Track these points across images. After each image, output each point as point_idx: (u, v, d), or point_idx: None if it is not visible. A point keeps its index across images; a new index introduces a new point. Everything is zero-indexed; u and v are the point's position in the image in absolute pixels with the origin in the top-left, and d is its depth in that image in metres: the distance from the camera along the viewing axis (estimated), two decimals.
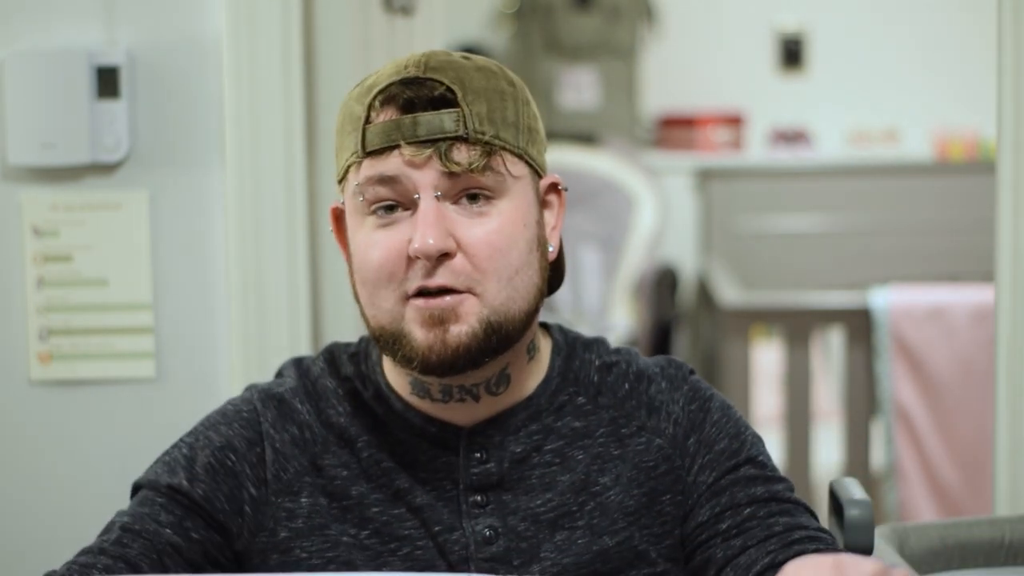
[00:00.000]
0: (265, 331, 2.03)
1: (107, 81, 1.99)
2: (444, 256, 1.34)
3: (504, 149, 1.36)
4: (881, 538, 1.66)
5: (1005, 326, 1.97)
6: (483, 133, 1.35)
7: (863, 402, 3.81)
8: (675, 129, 5.56)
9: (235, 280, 2.03)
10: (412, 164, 1.33)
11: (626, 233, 5.04)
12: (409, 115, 1.34)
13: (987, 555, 1.73)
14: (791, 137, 5.59)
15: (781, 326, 3.94)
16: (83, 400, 2.05)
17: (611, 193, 5.03)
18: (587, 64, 5.43)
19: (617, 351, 1.50)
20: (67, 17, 2.00)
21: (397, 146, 1.34)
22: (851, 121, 5.62)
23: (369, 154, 1.35)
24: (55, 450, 2.05)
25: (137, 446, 2.05)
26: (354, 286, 1.41)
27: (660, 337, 5.04)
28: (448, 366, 1.36)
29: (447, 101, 1.34)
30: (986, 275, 2.24)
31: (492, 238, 1.35)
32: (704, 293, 5.03)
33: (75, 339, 2.03)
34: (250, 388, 1.49)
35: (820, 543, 1.39)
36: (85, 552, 1.41)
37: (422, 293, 1.35)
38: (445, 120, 1.34)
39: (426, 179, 1.34)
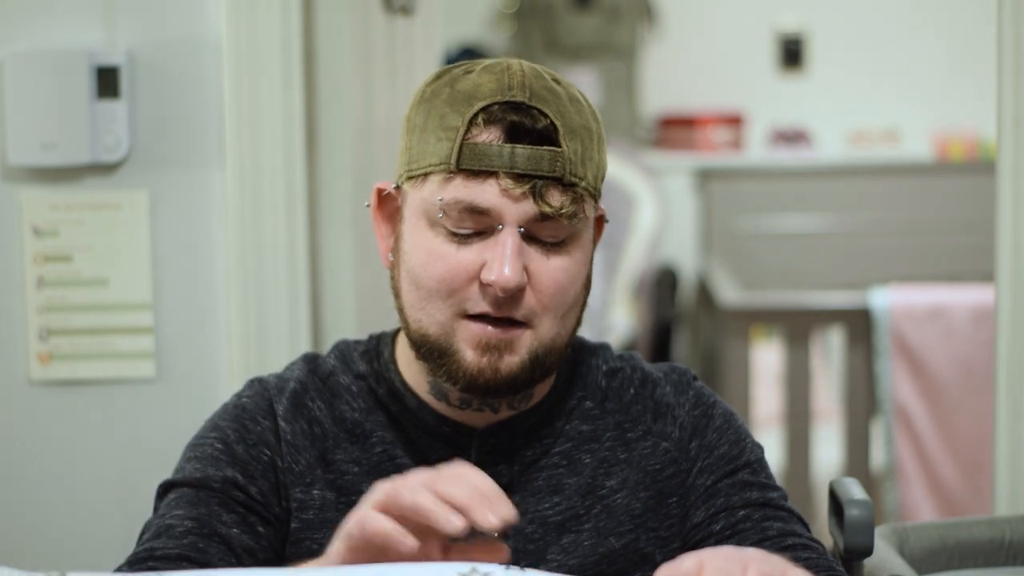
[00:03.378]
0: (265, 331, 2.03)
1: (107, 81, 1.99)
2: (516, 290, 1.34)
3: (588, 194, 1.37)
4: (881, 538, 1.66)
5: (1005, 326, 1.97)
6: (577, 178, 1.35)
7: (863, 402, 3.80)
8: (675, 129, 5.56)
9: (235, 280, 2.03)
10: (507, 195, 1.32)
11: (626, 233, 5.04)
12: (511, 144, 1.32)
13: (987, 555, 1.73)
14: (791, 137, 5.59)
15: (781, 326, 3.94)
16: (83, 400, 2.05)
17: (611, 193, 5.03)
18: (587, 64, 5.43)
19: (621, 356, 1.51)
20: (67, 17, 2.00)
21: (494, 173, 1.32)
22: (851, 121, 5.62)
23: (462, 171, 1.33)
24: (55, 450, 2.05)
25: (137, 446, 2.05)
26: (395, 278, 1.41)
27: (660, 337, 5.04)
28: (493, 391, 1.37)
29: (548, 137, 1.33)
30: (986, 275, 2.24)
31: (559, 276, 1.36)
32: (704, 293, 5.03)
33: (75, 339, 2.03)
34: (256, 382, 1.48)
35: (812, 551, 1.39)
36: (155, 558, 1.35)
37: (482, 318, 1.35)
38: (546, 158, 1.33)
39: (516, 214, 1.33)
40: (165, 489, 1.42)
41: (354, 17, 2.16)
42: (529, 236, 1.34)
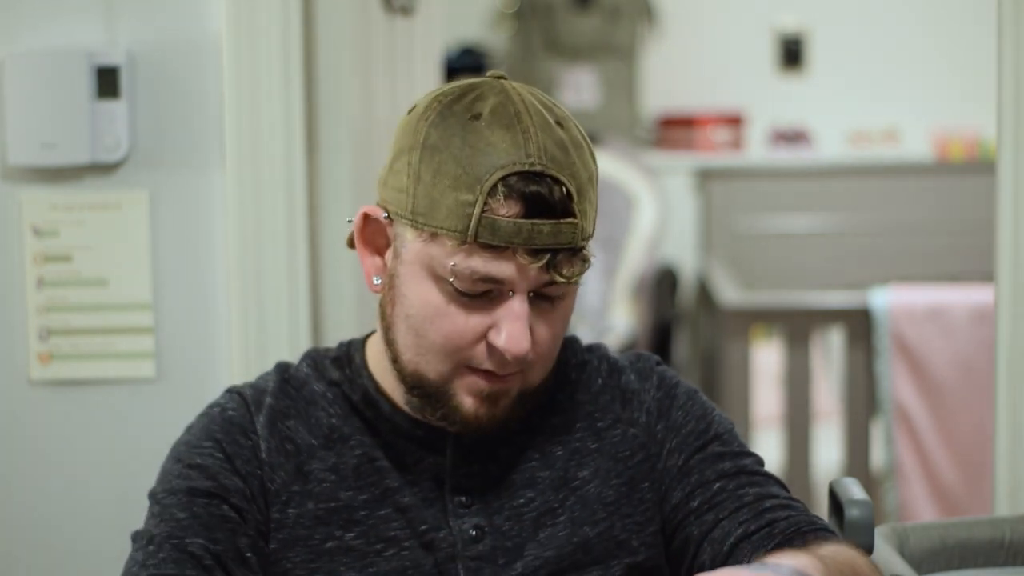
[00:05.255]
0: (265, 331, 2.03)
1: (107, 81, 1.99)
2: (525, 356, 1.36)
3: (590, 243, 1.37)
4: (881, 538, 1.66)
5: (1005, 326, 1.97)
6: (587, 239, 1.35)
7: (863, 402, 3.81)
8: (675, 129, 5.56)
9: (235, 280, 2.03)
10: (523, 270, 1.33)
11: (626, 233, 5.04)
12: (529, 220, 1.31)
13: (987, 555, 1.73)
14: (791, 137, 5.59)
15: (781, 326, 3.94)
16: (83, 400, 2.05)
17: (611, 193, 5.03)
18: (587, 64, 5.43)
19: (588, 348, 1.53)
20: (67, 17, 2.00)
21: (513, 247, 1.32)
22: (851, 121, 5.62)
23: (478, 242, 1.32)
24: (55, 450, 2.05)
25: (137, 446, 2.05)
26: (387, 314, 1.40)
27: (660, 337, 5.04)
28: (485, 431, 1.40)
29: (566, 207, 1.33)
30: (986, 275, 2.24)
31: (557, 329, 1.39)
32: (704, 293, 5.03)
33: (75, 339, 2.03)
34: (236, 394, 1.48)
35: (791, 510, 1.40)
36: (173, 562, 1.35)
37: (485, 372, 1.37)
38: (564, 232, 1.33)
39: (529, 284, 1.34)
40: (166, 495, 1.41)
41: (354, 17, 2.16)
42: (535, 293, 1.36)
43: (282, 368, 1.49)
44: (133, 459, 2.05)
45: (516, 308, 1.34)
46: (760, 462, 1.46)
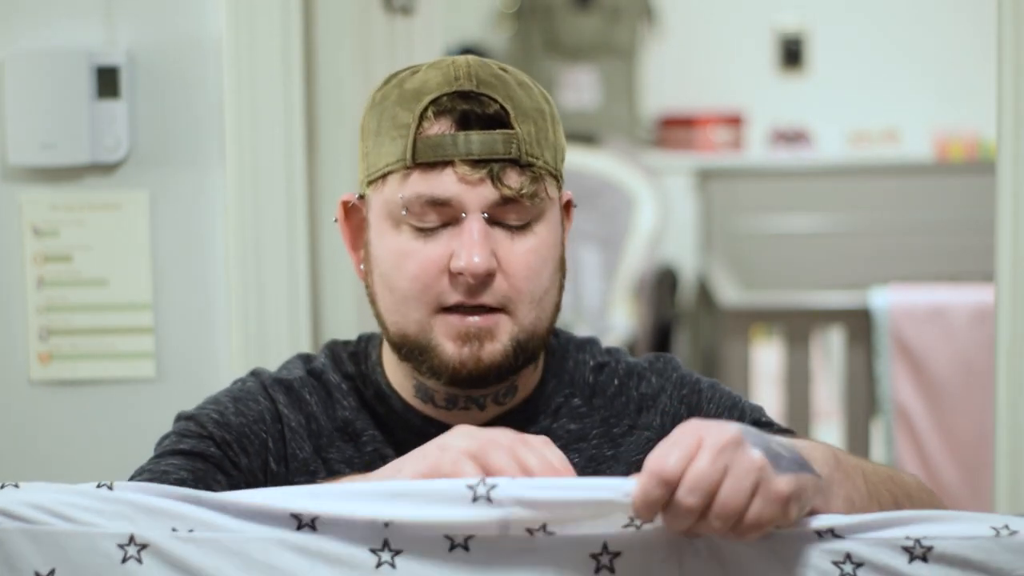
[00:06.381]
0: (265, 331, 2.03)
1: (107, 81, 1.99)
2: (486, 275, 1.34)
3: (547, 173, 1.37)
4: None
5: (1005, 326, 1.97)
6: (534, 157, 1.35)
7: (863, 402, 3.80)
8: (675, 129, 5.56)
9: (235, 280, 2.03)
10: (465, 182, 1.33)
11: (626, 233, 5.04)
12: (463, 132, 1.33)
13: None
14: (791, 137, 5.59)
15: (781, 326, 3.94)
16: (83, 400, 2.05)
17: (611, 193, 5.03)
18: (587, 64, 5.43)
19: (607, 351, 1.52)
20: (67, 17, 2.00)
21: (450, 162, 1.33)
22: (851, 121, 5.62)
23: (418, 165, 1.34)
24: (55, 450, 2.05)
25: (137, 446, 2.04)
26: (369, 286, 1.42)
27: (660, 337, 5.04)
28: (477, 381, 1.38)
29: (500, 120, 1.34)
30: (986, 275, 2.24)
31: (530, 259, 1.36)
32: (704, 293, 5.03)
33: (75, 339, 2.03)
34: (256, 373, 1.49)
35: None
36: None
37: (458, 309, 1.35)
38: (499, 140, 1.34)
39: (477, 200, 1.34)
40: (164, 438, 1.44)
41: (354, 17, 2.16)
42: (494, 221, 1.35)
43: (304, 357, 1.51)
44: (133, 459, 2.04)
45: (468, 226, 1.34)
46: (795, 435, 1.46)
